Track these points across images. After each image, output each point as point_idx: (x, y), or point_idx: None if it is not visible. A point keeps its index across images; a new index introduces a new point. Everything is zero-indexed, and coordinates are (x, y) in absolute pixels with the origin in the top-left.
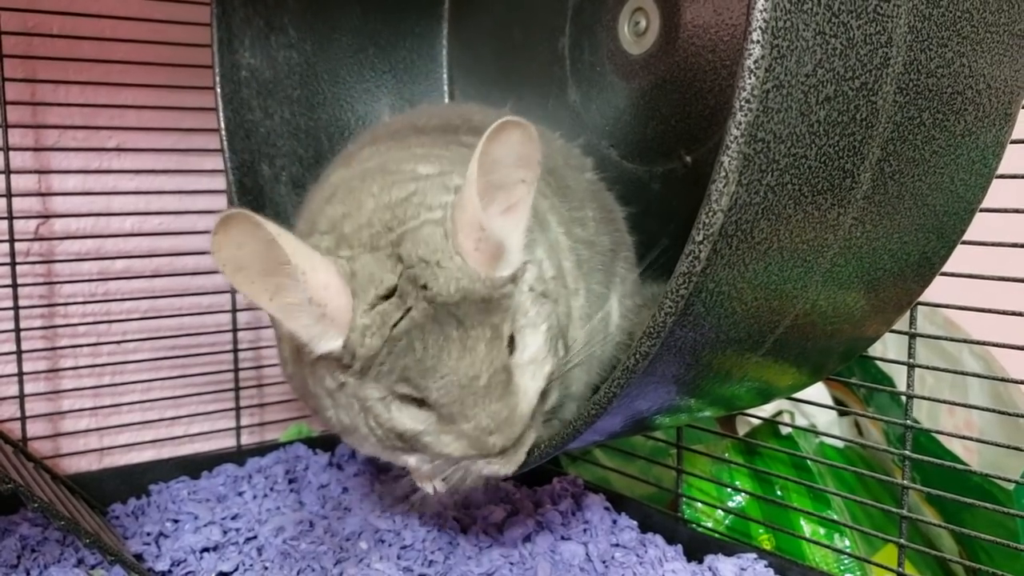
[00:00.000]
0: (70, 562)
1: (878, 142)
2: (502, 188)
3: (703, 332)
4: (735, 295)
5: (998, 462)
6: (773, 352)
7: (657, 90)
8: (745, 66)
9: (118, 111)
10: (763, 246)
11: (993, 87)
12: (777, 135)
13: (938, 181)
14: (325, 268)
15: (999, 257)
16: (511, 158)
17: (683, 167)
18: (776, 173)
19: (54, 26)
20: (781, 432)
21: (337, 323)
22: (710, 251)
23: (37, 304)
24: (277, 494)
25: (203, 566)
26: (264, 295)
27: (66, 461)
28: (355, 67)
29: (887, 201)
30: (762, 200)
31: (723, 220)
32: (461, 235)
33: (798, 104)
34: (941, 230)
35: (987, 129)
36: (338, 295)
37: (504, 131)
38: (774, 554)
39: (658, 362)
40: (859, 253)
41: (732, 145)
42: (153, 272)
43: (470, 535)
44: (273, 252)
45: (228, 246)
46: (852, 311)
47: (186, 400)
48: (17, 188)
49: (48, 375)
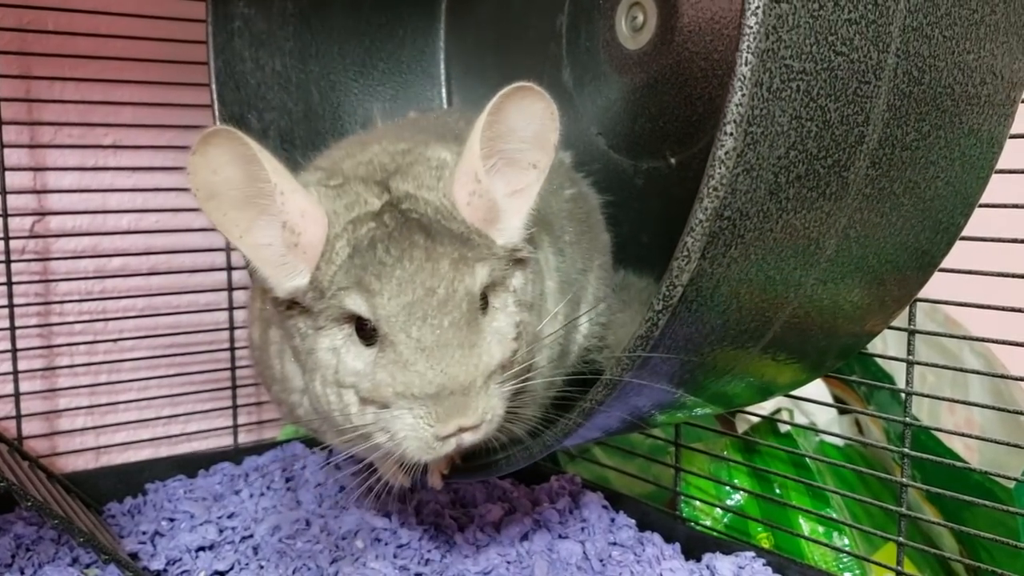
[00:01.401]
0: (65, 561)
1: (846, 214)
2: (512, 164)
3: (658, 376)
4: (694, 347)
5: (999, 460)
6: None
7: (649, 88)
8: (716, 156)
9: (114, 108)
10: (722, 306)
11: (969, 155)
12: (744, 213)
13: (903, 241)
14: (305, 195)
15: (999, 253)
16: (527, 132)
17: (668, 167)
18: (741, 247)
19: (49, 22)
20: (780, 430)
21: (308, 255)
22: (668, 318)
23: (33, 302)
24: (274, 493)
25: (198, 565)
26: (235, 229)
27: (62, 460)
28: (350, 19)
29: (849, 262)
30: (724, 271)
31: (683, 291)
32: (456, 184)
33: (767, 185)
34: (903, 281)
35: (957, 193)
36: (314, 223)
37: (525, 97)
38: (773, 553)
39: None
40: (818, 318)
41: (697, 228)
42: (150, 270)
43: (467, 533)
44: (253, 171)
45: (204, 169)
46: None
47: (183, 399)
48: (12, 185)
49: (44, 373)
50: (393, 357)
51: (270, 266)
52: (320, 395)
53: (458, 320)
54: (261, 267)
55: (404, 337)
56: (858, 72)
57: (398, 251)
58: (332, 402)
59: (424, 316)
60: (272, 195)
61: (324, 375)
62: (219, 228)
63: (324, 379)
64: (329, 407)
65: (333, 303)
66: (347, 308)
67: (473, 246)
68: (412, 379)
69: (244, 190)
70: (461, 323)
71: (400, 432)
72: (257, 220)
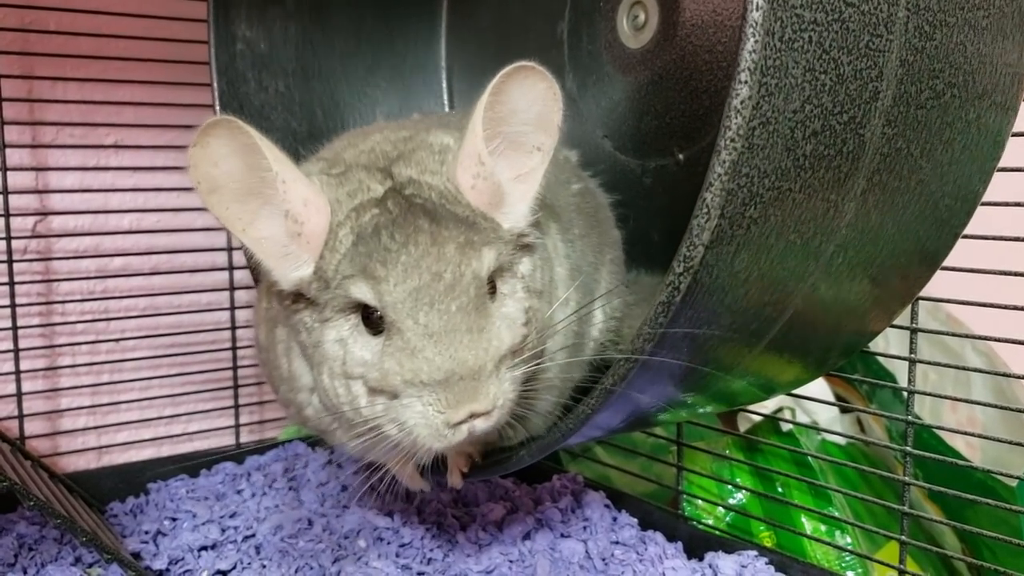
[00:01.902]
0: (67, 560)
1: (864, 174)
2: (515, 148)
3: (681, 355)
4: (716, 316)
5: (1001, 458)
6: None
7: (653, 85)
8: (732, 106)
9: (116, 108)
10: (743, 275)
11: (984, 118)
12: (762, 171)
13: (922, 209)
14: (307, 184)
15: (1001, 252)
16: (529, 114)
17: (675, 164)
18: (760, 207)
19: (51, 22)
20: (782, 429)
21: (312, 244)
22: (690, 282)
23: (35, 302)
24: (276, 492)
25: (201, 564)
26: (238, 223)
27: (64, 459)
28: (351, 36)
29: (869, 229)
30: (744, 234)
31: (704, 253)
32: (460, 167)
33: (784, 140)
34: (924, 254)
35: (975, 159)
36: (317, 212)
37: (526, 77)
38: (775, 551)
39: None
40: (839, 279)
41: (716, 183)
42: (151, 270)
43: (469, 533)
44: (254, 161)
45: (204, 162)
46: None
47: (185, 398)
48: (14, 185)
49: (46, 373)
50: (400, 344)
51: (274, 258)
52: (328, 388)
53: (466, 305)
54: (265, 259)
55: (411, 323)
56: (869, 24)
57: (403, 236)
58: (340, 395)
59: (431, 301)
60: (274, 184)
61: (332, 367)
62: (222, 222)
63: (332, 372)
64: (338, 400)
65: (338, 292)
66: (352, 296)
67: (479, 230)
68: (421, 366)
69: (246, 181)
70: (469, 308)
71: (410, 421)
72: (260, 211)
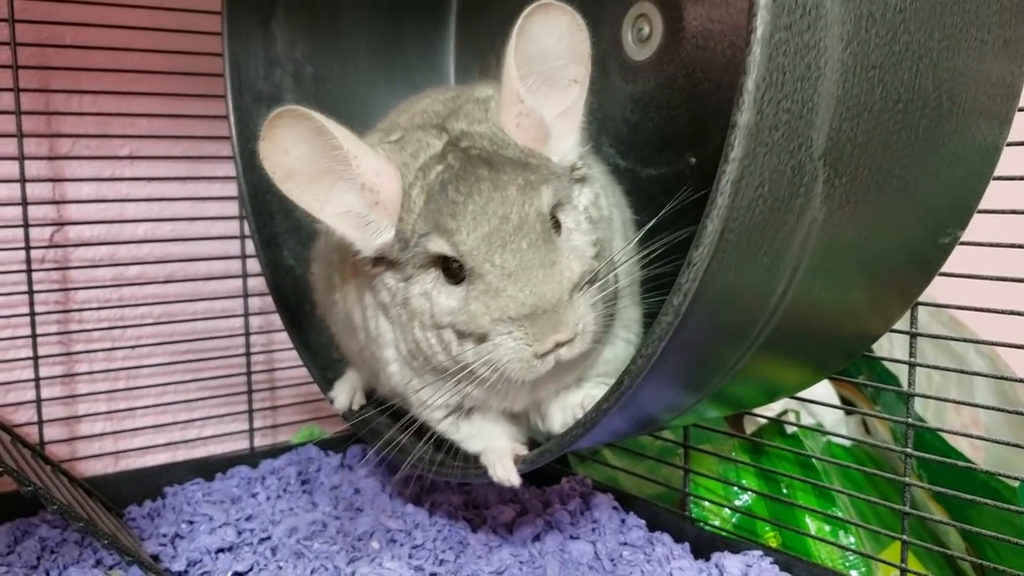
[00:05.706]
0: (89, 563)
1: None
2: (552, 84)
3: (683, 359)
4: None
5: (1005, 460)
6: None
7: (660, 93)
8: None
9: (130, 119)
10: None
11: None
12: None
13: (914, 218)
14: (375, 155)
15: (1002, 258)
16: (559, 48)
17: (683, 170)
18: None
19: (67, 37)
20: (787, 431)
21: (390, 210)
22: (713, 250)
23: (53, 310)
24: (290, 495)
25: (218, 566)
26: (315, 203)
27: (82, 464)
28: (362, 40)
29: (852, 238)
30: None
31: (721, 226)
32: (503, 110)
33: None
34: (917, 261)
35: (967, 169)
36: (390, 180)
37: (548, 14)
38: (780, 551)
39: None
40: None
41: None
42: (166, 277)
43: (480, 534)
44: (323, 142)
45: (275, 152)
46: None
47: (199, 403)
48: (32, 196)
49: (64, 380)
50: (483, 288)
51: (355, 228)
52: (421, 340)
53: (535, 241)
54: (346, 232)
55: (489, 267)
56: None
57: (467, 188)
58: (433, 344)
59: (503, 243)
60: (346, 160)
61: (422, 320)
62: (300, 204)
63: (423, 324)
64: (431, 351)
65: (417, 250)
66: (431, 251)
67: (534, 169)
68: (506, 303)
69: (317, 163)
70: (538, 243)
71: (504, 357)
72: (334, 188)
